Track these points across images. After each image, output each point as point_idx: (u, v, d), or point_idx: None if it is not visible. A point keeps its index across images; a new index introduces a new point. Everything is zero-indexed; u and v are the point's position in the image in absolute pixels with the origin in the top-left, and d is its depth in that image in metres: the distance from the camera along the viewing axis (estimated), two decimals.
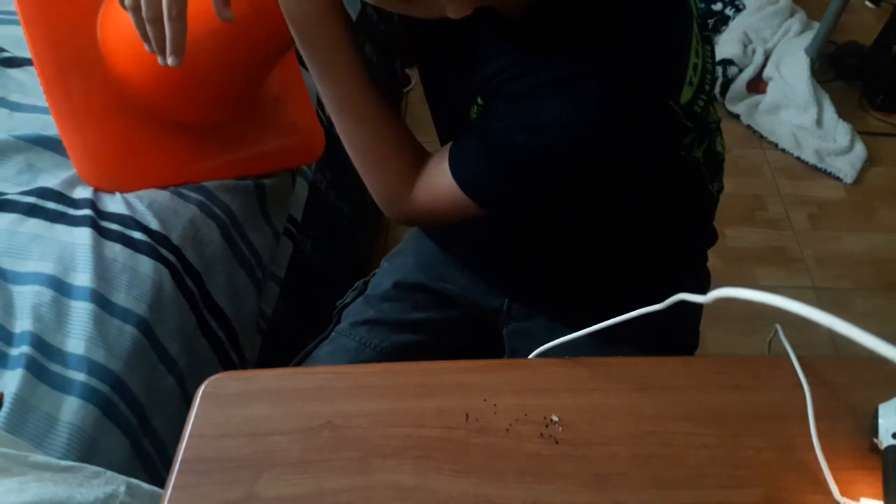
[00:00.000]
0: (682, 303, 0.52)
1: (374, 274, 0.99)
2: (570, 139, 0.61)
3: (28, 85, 1.04)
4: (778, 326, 0.69)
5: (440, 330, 0.92)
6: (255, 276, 1.06)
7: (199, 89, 0.98)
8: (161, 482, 0.69)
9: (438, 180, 0.71)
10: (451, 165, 0.70)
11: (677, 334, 0.90)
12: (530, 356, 0.67)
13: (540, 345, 0.67)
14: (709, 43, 0.68)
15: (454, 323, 0.92)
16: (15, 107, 1.02)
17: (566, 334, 0.64)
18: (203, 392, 0.62)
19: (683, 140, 0.70)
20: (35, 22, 0.94)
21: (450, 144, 0.72)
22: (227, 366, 1.00)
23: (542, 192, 0.70)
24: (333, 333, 0.92)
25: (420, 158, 0.75)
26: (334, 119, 0.74)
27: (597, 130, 0.61)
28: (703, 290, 0.90)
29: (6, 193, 0.92)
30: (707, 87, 0.67)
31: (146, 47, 0.70)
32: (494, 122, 0.66)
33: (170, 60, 0.69)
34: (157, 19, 0.66)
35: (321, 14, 0.67)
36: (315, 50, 0.69)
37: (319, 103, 1.25)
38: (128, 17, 0.86)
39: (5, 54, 1.08)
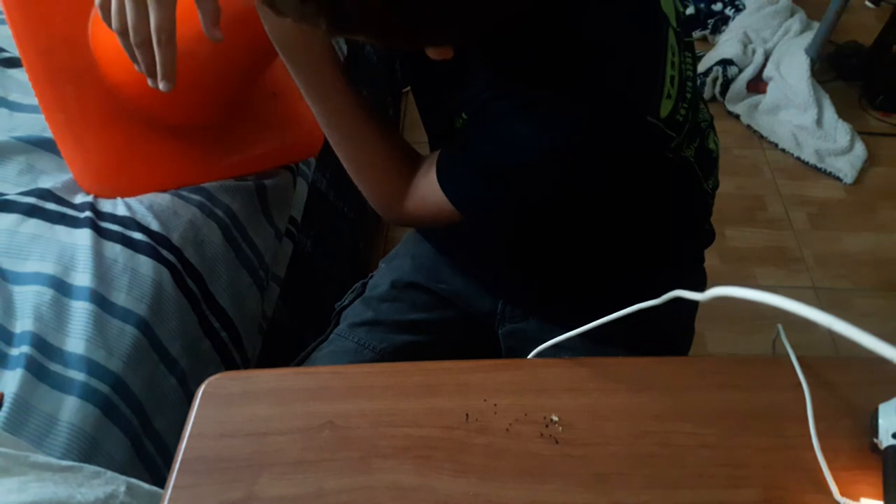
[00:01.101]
0: (678, 302, 0.52)
1: (372, 276, 0.99)
2: (544, 161, 0.63)
3: (28, 85, 1.04)
4: (780, 326, 0.69)
5: (438, 330, 0.92)
6: (258, 277, 1.06)
7: (192, 91, 0.98)
8: (163, 482, 0.69)
9: (426, 189, 0.73)
10: (437, 175, 0.71)
11: (671, 334, 0.90)
12: (529, 356, 0.67)
13: (535, 345, 0.68)
14: (689, 49, 0.69)
15: (452, 323, 0.93)
16: (15, 107, 1.02)
17: (560, 334, 0.64)
18: (203, 392, 0.62)
19: (669, 145, 0.71)
20: (24, 31, 0.94)
21: (437, 153, 0.73)
22: (230, 366, 1.00)
23: (523, 205, 0.71)
24: (333, 335, 0.93)
25: (411, 167, 0.76)
26: (325, 133, 0.76)
27: (570, 154, 0.62)
28: (700, 290, 0.90)
29: (6, 194, 0.92)
30: (688, 95, 0.67)
31: (136, 68, 0.69)
32: (475, 138, 0.68)
33: (161, 86, 0.68)
34: (145, 44, 0.64)
35: (304, 39, 0.68)
36: (301, 71, 0.71)
37: None
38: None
39: (5, 54, 1.08)
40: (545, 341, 0.65)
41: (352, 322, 0.92)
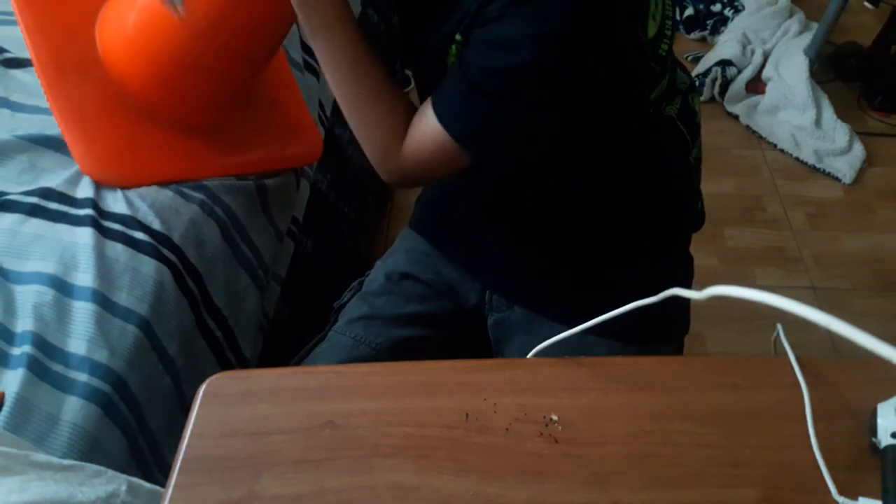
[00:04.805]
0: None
1: (368, 273, 1.00)
2: (538, 53, 0.64)
3: (30, 86, 1.04)
4: (779, 326, 0.70)
5: (433, 324, 0.93)
6: (257, 276, 1.06)
7: (191, 90, 1.00)
8: (155, 482, 0.69)
9: (424, 127, 0.73)
10: (433, 105, 0.71)
11: (663, 323, 0.90)
12: (529, 355, 0.67)
13: (521, 335, 0.68)
14: None
15: (446, 316, 0.94)
16: (17, 107, 1.02)
17: (545, 323, 0.65)
18: (204, 392, 0.62)
19: (651, 86, 0.72)
20: (33, 23, 0.97)
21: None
22: (225, 366, 1.00)
23: (518, 121, 0.71)
24: (331, 332, 0.93)
25: (409, 111, 0.77)
26: (328, 76, 0.77)
27: (563, 42, 0.63)
28: (688, 277, 0.91)
29: (8, 193, 0.92)
30: (668, 33, 0.70)
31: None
32: (470, 51, 0.69)
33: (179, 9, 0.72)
34: None
35: None
36: (308, 5, 0.71)
37: (320, 106, 1.26)
38: (125, 22, 0.88)
39: (7, 55, 1.08)
40: (530, 331, 0.66)
41: (349, 318, 0.93)
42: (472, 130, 0.71)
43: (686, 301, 0.93)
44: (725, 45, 2.30)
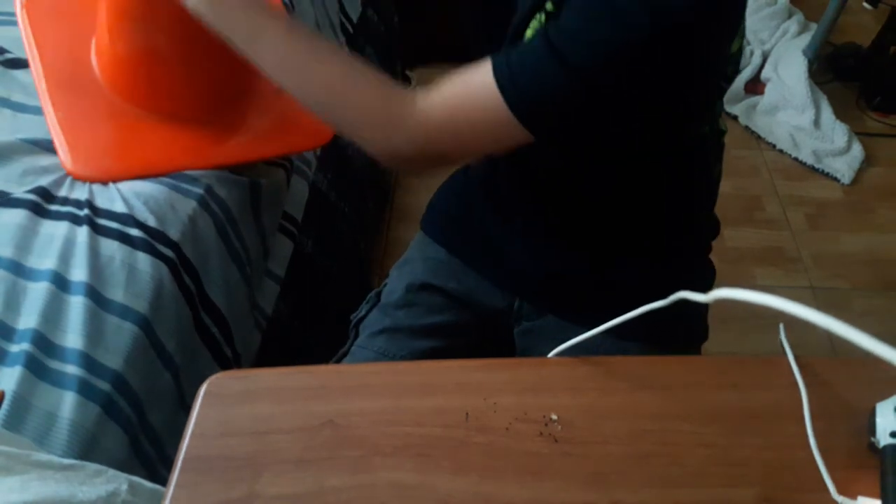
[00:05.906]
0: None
1: (385, 284, 0.99)
2: (649, 28, 0.55)
3: (31, 86, 1.04)
4: (781, 326, 0.70)
5: (456, 333, 0.91)
6: (245, 272, 1.06)
7: (174, 75, 1.02)
8: (159, 479, 0.69)
9: (469, 88, 0.62)
10: (494, 66, 0.61)
11: (685, 325, 0.90)
12: (550, 355, 0.67)
13: (550, 343, 0.67)
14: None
15: (468, 326, 0.92)
16: (18, 108, 1.02)
17: (576, 331, 0.64)
18: (205, 391, 0.63)
19: (712, 103, 0.71)
20: (37, 36, 1.05)
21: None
22: (222, 361, 1.00)
23: (590, 104, 0.61)
24: (354, 347, 0.92)
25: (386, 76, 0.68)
26: (288, 78, 0.68)
27: (680, 29, 0.56)
28: (708, 282, 0.91)
29: (10, 193, 0.92)
30: (739, 56, 0.69)
31: None
32: (564, 16, 0.59)
33: None
34: None
35: None
36: (231, 15, 0.67)
37: None
38: (116, 49, 0.88)
39: (8, 55, 1.08)
40: (561, 339, 0.64)
41: (370, 332, 0.92)
42: (535, 102, 0.60)
43: (704, 309, 0.92)
44: None
